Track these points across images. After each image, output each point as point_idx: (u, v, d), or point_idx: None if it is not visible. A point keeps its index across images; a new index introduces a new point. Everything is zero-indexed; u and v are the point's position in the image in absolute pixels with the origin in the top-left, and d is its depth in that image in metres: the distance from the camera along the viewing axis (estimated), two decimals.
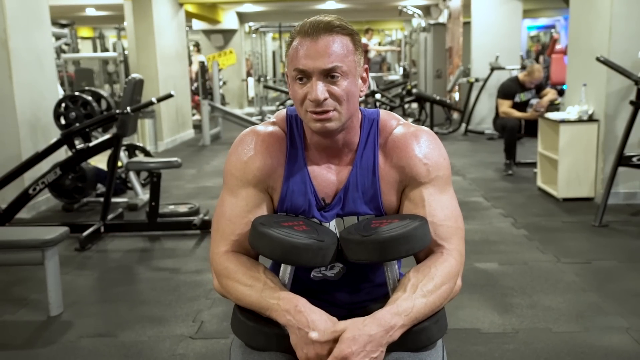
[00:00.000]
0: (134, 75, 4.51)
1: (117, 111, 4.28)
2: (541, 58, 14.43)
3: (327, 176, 1.36)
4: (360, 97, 1.32)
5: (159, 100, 4.31)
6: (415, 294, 1.22)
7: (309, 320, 1.18)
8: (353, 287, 1.43)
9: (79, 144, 4.44)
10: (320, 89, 1.24)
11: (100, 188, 5.36)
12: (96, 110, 4.90)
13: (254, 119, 9.95)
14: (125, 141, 5.46)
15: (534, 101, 6.44)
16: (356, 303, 1.43)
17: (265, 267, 1.33)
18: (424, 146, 1.34)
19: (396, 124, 1.38)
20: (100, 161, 5.37)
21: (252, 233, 1.29)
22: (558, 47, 13.28)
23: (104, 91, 6.37)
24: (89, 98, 4.93)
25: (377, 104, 6.70)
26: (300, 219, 1.35)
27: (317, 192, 1.35)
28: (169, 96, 4.35)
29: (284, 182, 1.35)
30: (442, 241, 1.32)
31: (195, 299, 3.18)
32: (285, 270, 1.32)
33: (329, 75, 1.24)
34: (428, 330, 1.26)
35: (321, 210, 1.36)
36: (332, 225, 1.37)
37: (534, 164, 6.04)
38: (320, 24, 1.26)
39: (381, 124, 1.37)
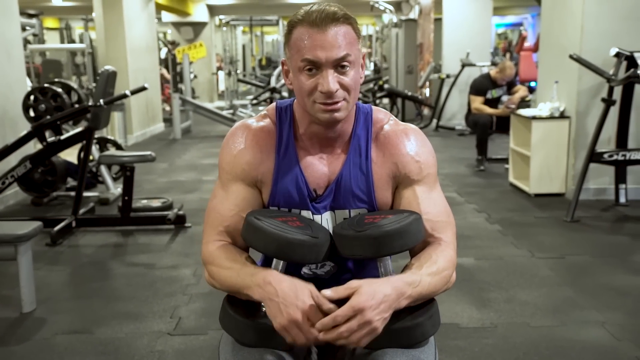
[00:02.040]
0: (106, 67, 4.42)
1: (90, 104, 4.19)
2: (508, 55, 14.63)
3: (318, 167, 1.36)
4: (360, 83, 1.32)
5: (133, 92, 4.23)
6: (422, 272, 1.25)
7: (277, 289, 1.17)
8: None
9: (50, 137, 4.34)
10: (332, 80, 1.24)
11: (70, 182, 5.25)
12: (67, 102, 4.79)
13: (224, 112, 9.87)
14: (97, 134, 5.35)
15: (505, 98, 6.52)
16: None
17: (248, 254, 1.34)
18: (415, 144, 1.37)
19: (387, 120, 1.40)
20: (70, 154, 5.26)
21: (246, 227, 1.27)
22: (526, 44, 13.47)
23: (74, 83, 6.23)
24: (59, 90, 4.81)
25: None
26: (293, 214, 1.34)
27: (309, 183, 1.35)
28: (143, 89, 4.27)
29: (274, 175, 1.35)
30: (438, 234, 1.35)
31: (172, 294, 3.14)
32: (277, 265, 1.30)
33: (339, 65, 1.24)
34: (422, 326, 1.25)
35: (313, 201, 1.35)
36: (325, 218, 1.36)
37: (505, 160, 6.12)
38: (326, 13, 1.24)
39: (374, 118, 1.39)
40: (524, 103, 6.52)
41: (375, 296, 1.15)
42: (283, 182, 1.35)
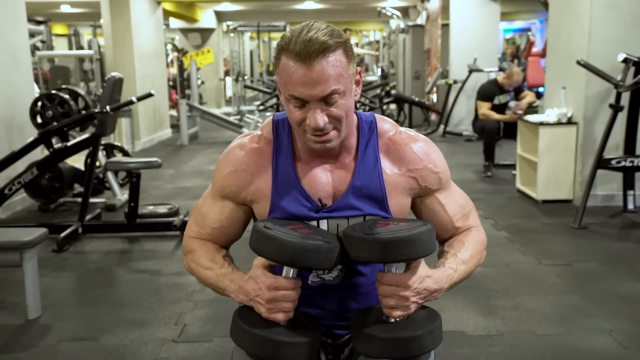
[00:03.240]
0: (113, 73, 4.44)
1: (96, 110, 4.21)
2: (515, 61, 14.59)
3: (322, 178, 1.34)
4: (355, 100, 1.29)
5: (139, 99, 4.25)
6: (457, 261, 1.34)
7: (247, 291, 1.26)
8: (349, 294, 1.41)
9: (57, 143, 4.36)
10: (319, 116, 1.22)
11: (77, 188, 5.26)
12: (73, 109, 4.81)
13: (231, 118, 9.89)
14: (103, 140, 5.37)
15: (512, 103, 6.50)
16: (349, 311, 1.41)
17: (227, 252, 1.42)
18: (428, 154, 1.38)
19: (393, 130, 1.39)
20: (77, 160, 5.28)
21: (257, 237, 1.23)
22: (534, 50, 13.43)
23: (81, 89, 6.26)
24: (66, 96, 4.85)
25: (357, 104, 6.69)
26: (299, 222, 1.33)
27: (311, 195, 1.33)
28: (149, 95, 4.28)
29: (272, 190, 1.35)
30: (466, 222, 1.44)
31: (177, 301, 3.14)
32: (288, 273, 1.27)
33: (326, 100, 1.21)
34: (421, 340, 1.23)
35: (319, 211, 1.34)
36: (334, 224, 1.34)
37: (512, 166, 6.09)
38: (312, 45, 1.18)
39: (379, 128, 1.38)
40: (531, 109, 6.50)
41: (423, 283, 1.24)
42: (282, 197, 1.34)
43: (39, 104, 4.81)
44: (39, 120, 4.81)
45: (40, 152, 5.02)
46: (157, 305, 3.09)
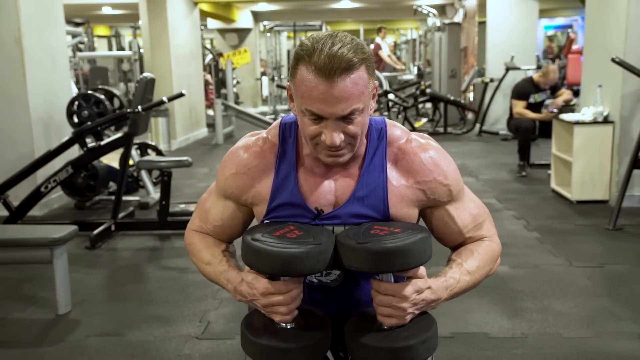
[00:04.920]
0: (145, 74, 4.52)
1: (129, 110, 4.30)
2: (556, 61, 14.28)
3: (325, 186, 1.32)
4: (370, 114, 1.27)
5: (170, 99, 4.31)
6: (461, 271, 1.30)
7: (243, 293, 1.28)
8: (349, 298, 1.39)
9: (91, 142, 4.46)
10: (336, 134, 1.20)
11: (113, 186, 5.37)
12: (109, 108, 4.92)
13: (267, 117, 9.95)
14: (138, 140, 5.47)
15: (548, 102, 6.37)
16: (350, 314, 1.37)
17: (227, 246, 1.45)
18: (439, 165, 1.32)
19: (403, 137, 1.34)
20: (113, 159, 5.39)
21: (246, 251, 1.23)
22: (575, 47, 13.13)
23: (117, 90, 6.41)
24: (102, 97, 4.96)
25: (390, 104, 6.66)
26: (290, 223, 1.31)
27: (309, 203, 1.31)
28: (180, 95, 4.35)
29: (271, 194, 1.33)
30: (478, 232, 1.39)
31: (202, 299, 3.18)
32: (284, 278, 1.26)
33: (345, 117, 1.19)
34: (414, 350, 1.21)
35: (315, 219, 1.31)
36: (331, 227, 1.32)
37: (548, 166, 5.97)
38: (337, 62, 1.14)
39: (389, 135, 1.33)
40: (568, 107, 6.36)
41: (421, 294, 1.22)
42: (278, 203, 1.33)
43: (76, 104, 4.93)
44: (75, 119, 4.93)
45: (78, 151, 5.15)
46: (183, 303, 3.14)
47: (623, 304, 2.97)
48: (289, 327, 1.26)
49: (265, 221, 1.35)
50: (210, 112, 10.96)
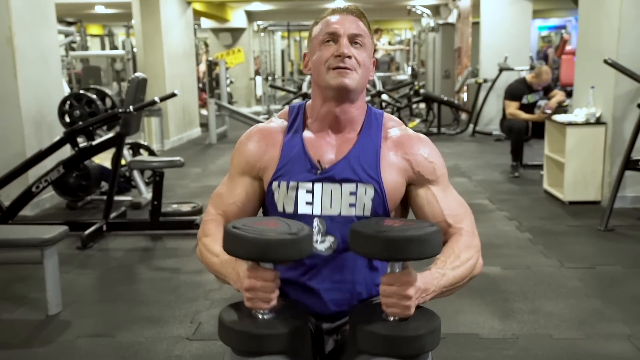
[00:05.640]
0: (137, 74, 4.51)
1: (120, 110, 4.28)
2: (545, 64, 14.29)
3: (325, 146, 1.47)
4: (370, 78, 1.48)
5: (162, 99, 4.30)
6: (445, 267, 1.35)
7: (235, 279, 1.34)
8: (340, 270, 1.45)
9: (83, 142, 4.44)
10: (346, 45, 1.41)
11: (105, 186, 5.35)
12: (100, 108, 4.90)
13: (260, 117, 9.94)
14: (130, 139, 5.46)
15: (542, 102, 6.39)
16: (340, 287, 1.46)
17: None
18: (426, 148, 1.49)
19: (397, 125, 1.53)
20: (105, 159, 5.37)
21: (226, 238, 1.27)
22: (568, 47, 13.17)
23: (110, 89, 6.38)
24: (94, 96, 4.94)
25: (383, 104, 6.66)
26: (274, 218, 1.37)
27: (312, 157, 1.45)
28: (172, 95, 4.33)
29: (280, 155, 1.47)
30: (459, 225, 1.46)
31: (194, 299, 3.17)
32: (265, 265, 1.29)
33: (354, 41, 1.42)
34: (423, 339, 1.24)
35: (317, 173, 1.44)
36: (328, 189, 1.43)
37: (540, 166, 5.98)
38: (347, 8, 1.46)
39: (385, 119, 1.52)
40: (561, 108, 6.38)
41: (421, 284, 1.28)
42: (287, 159, 1.46)
43: (67, 103, 4.91)
44: (67, 119, 4.91)
45: (70, 151, 5.13)
46: (174, 303, 3.13)
47: (614, 305, 2.98)
48: (266, 317, 1.29)
49: (274, 182, 1.45)
50: (204, 111, 10.93)
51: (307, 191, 1.43)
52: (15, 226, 3.86)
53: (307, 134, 1.49)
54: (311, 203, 1.43)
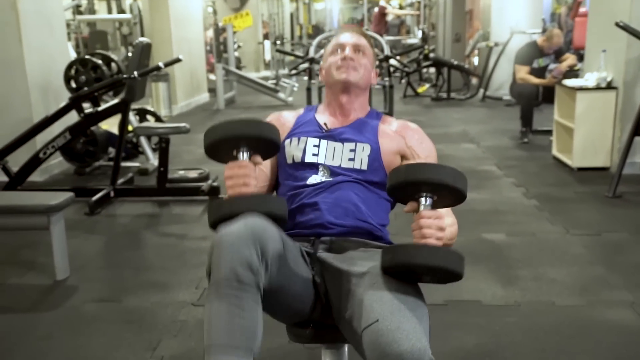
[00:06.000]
0: (141, 39, 4.47)
1: (124, 76, 4.26)
2: (557, 27, 14.02)
3: (331, 117, 1.82)
4: (372, 82, 1.86)
5: (167, 64, 4.27)
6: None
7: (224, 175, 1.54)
8: (339, 193, 1.67)
9: (89, 109, 4.44)
10: (349, 48, 1.80)
11: (112, 152, 5.37)
12: (106, 74, 4.88)
13: (269, 82, 9.88)
14: (137, 105, 5.45)
15: (553, 66, 6.29)
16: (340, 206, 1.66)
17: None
18: (420, 133, 1.83)
19: (396, 120, 1.87)
20: (113, 125, 5.37)
21: (206, 134, 1.50)
22: (582, 9, 12.90)
23: (118, 54, 6.34)
24: (99, 62, 4.91)
25: (391, 69, 6.57)
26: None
27: (319, 122, 1.80)
28: (177, 60, 4.30)
29: (294, 124, 1.83)
30: None
31: (199, 265, 3.20)
32: (243, 157, 1.51)
33: (356, 49, 1.80)
34: (459, 256, 1.37)
35: (323, 132, 1.76)
36: (331, 147, 1.72)
37: (551, 132, 5.93)
38: (353, 28, 1.89)
39: (385, 116, 1.87)
40: (572, 72, 6.28)
41: (443, 222, 1.41)
42: (299, 124, 1.82)
43: (73, 69, 4.89)
44: (73, 85, 4.90)
45: (77, 117, 5.14)
46: (179, 269, 3.16)
47: (618, 272, 2.97)
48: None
49: (286, 140, 1.76)
50: (212, 76, 10.88)
51: (314, 145, 1.72)
52: (22, 193, 3.88)
53: (319, 112, 1.86)
54: (317, 155, 1.71)
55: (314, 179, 1.68)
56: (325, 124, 1.77)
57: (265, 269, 1.32)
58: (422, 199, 1.39)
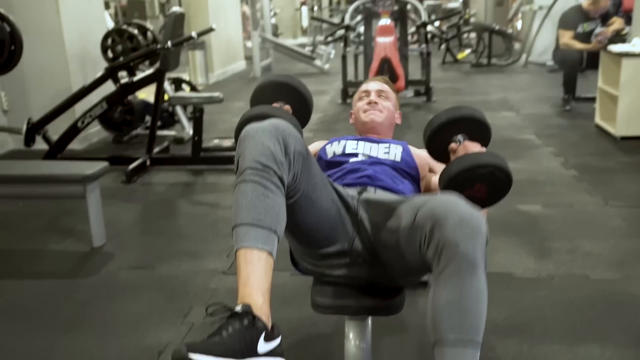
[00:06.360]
0: (174, 8, 4.47)
1: (158, 46, 4.28)
2: None
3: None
4: (396, 122, 2.18)
5: (200, 34, 4.27)
6: None
7: None
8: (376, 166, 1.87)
9: (124, 79, 4.48)
10: (374, 93, 2.14)
11: (149, 120, 5.42)
12: (142, 43, 4.91)
13: (306, 49, 9.80)
14: (173, 74, 5.48)
15: (599, 30, 6.05)
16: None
17: None
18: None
19: None
20: (150, 93, 5.42)
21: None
22: None
23: (154, 23, 6.37)
24: (135, 31, 4.94)
25: (428, 35, 6.43)
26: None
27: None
28: (210, 30, 4.29)
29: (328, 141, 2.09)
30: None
31: (231, 235, 3.21)
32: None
33: (380, 95, 2.14)
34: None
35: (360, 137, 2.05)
36: (366, 145, 1.96)
37: (594, 99, 5.74)
38: (377, 77, 2.26)
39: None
40: (619, 37, 6.03)
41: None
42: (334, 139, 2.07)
43: (109, 39, 4.93)
44: (110, 55, 4.95)
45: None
46: (211, 238, 3.20)
47: None
48: None
49: (327, 145, 2.00)
50: (249, 44, 10.86)
51: (353, 145, 1.94)
52: (60, 162, 3.98)
53: None
54: (356, 148, 1.93)
55: (354, 159, 1.89)
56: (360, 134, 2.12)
57: (289, 164, 1.39)
58: (458, 137, 1.68)
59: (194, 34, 4.22)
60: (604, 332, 2.18)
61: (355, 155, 1.91)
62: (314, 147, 2.04)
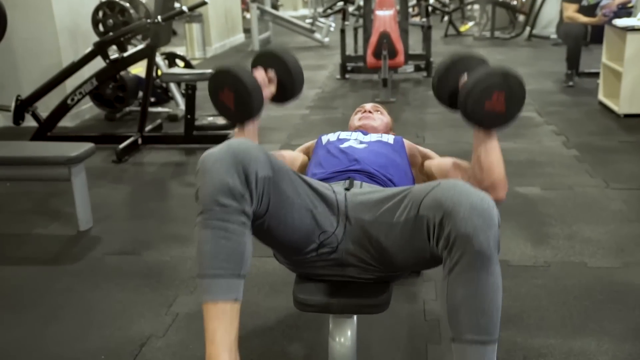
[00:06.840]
0: None
1: (148, 20, 4.15)
2: None
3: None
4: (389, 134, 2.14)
5: (191, 8, 4.14)
6: None
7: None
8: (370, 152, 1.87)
9: (115, 54, 4.36)
10: (371, 107, 2.29)
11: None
12: (134, 17, 4.78)
13: (306, 22, 9.61)
14: (167, 49, 5.36)
15: (605, 2, 5.88)
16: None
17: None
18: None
19: None
20: (144, 69, 5.30)
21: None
22: None
23: None
24: (127, 4, 4.80)
25: (429, 9, 6.27)
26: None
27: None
28: (203, 3, 4.16)
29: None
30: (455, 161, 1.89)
31: None
32: None
33: (375, 110, 2.27)
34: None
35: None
36: (359, 135, 2.00)
37: (598, 75, 5.60)
38: (373, 103, 2.35)
39: None
40: (624, 10, 5.86)
41: None
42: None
43: (100, 12, 4.80)
44: (101, 29, 4.82)
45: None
46: None
47: None
48: None
49: (323, 137, 2.05)
50: (249, 15, 10.67)
51: (347, 134, 2.01)
52: (46, 143, 3.87)
53: None
54: (350, 135, 1.99)
55: (347, 143, 1.92)
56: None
57: (250, 193, 1.33)
58: (464, 75, 1.66)
59: (184, 7, 4.09)
60: (601, 325, 2.10)
61: (348, 140, 1.96)
62: (303, 148, 2.10)
